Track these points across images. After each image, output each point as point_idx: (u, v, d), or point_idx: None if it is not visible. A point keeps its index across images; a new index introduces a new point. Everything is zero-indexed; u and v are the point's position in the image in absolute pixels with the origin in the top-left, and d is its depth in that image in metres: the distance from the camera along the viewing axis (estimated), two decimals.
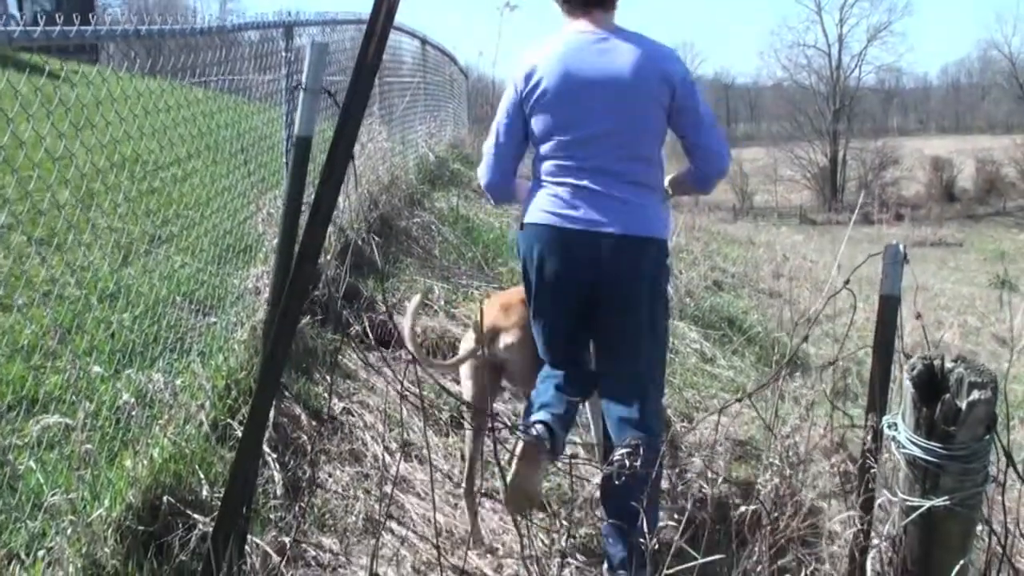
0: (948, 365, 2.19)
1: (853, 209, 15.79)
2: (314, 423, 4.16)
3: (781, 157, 67.48)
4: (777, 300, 8.85)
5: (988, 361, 8.86)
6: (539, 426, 3.34)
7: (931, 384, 2.19)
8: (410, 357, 3.10)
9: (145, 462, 3.25)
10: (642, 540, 3.19)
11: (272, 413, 3.79)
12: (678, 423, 5.22)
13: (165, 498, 3.15)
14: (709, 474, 4.18)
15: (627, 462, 2.85)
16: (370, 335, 5.13)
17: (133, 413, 3.40)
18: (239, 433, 3.59)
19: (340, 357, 4.85)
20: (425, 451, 4.13)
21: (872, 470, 2.78)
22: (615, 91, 3.35)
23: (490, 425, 3.34)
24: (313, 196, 2.53)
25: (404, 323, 3.73)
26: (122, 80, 4.08)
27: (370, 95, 2.63)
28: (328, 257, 5.40)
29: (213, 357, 4.18)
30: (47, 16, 3.21)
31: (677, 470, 4.41)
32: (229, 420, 3.79)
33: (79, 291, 4.33)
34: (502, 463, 3.55)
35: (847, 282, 2.83)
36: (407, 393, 4.39)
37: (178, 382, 3.80)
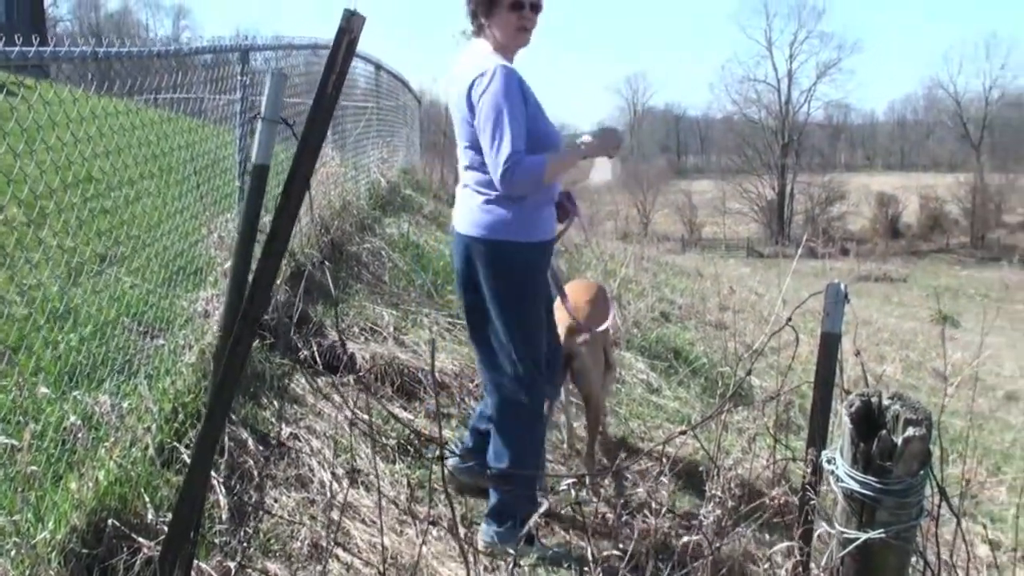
0: (885, 402, 2.24)
1: (800, 243, 16.00)
2: (261, 448, 4.15)
3: (730, 190, 68.40)
4: (723, 332, 8.94)
5: (927, 395, 9.04)
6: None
7: (868, 420, 2.24)
8: (361, 386, 3.13)
9: (90, 485, 3.22)
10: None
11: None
12: (623, 454, 5.27)
13: (110, 521, 3.14)
14: (653, 505, 4.23)
15: None
16: (319, 360, 5.13)
17: (79, 435, 3.38)
18: (185, 457, 3.59)
19: (288, 382, 4.84)
20: (372, 477, 4.14)
21: (812, 502, 2.85)
22: (451, 113, 3.98)
23: (438, 452, 3.38)
24: (270, 222, 2.55)
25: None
26: (78, 101, 4.07)
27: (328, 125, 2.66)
28: (279, 282, 5.39)
29: (160, 380, 4.16)
30: None
31: (622, 501, 4.45)
32: (175, 443, 3.78)
33: (27, 310, 4.29)
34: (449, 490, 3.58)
35: (789, 319, 2.90)
36: (355, 419, 4.41)
37: (125, 404, 3.77)
